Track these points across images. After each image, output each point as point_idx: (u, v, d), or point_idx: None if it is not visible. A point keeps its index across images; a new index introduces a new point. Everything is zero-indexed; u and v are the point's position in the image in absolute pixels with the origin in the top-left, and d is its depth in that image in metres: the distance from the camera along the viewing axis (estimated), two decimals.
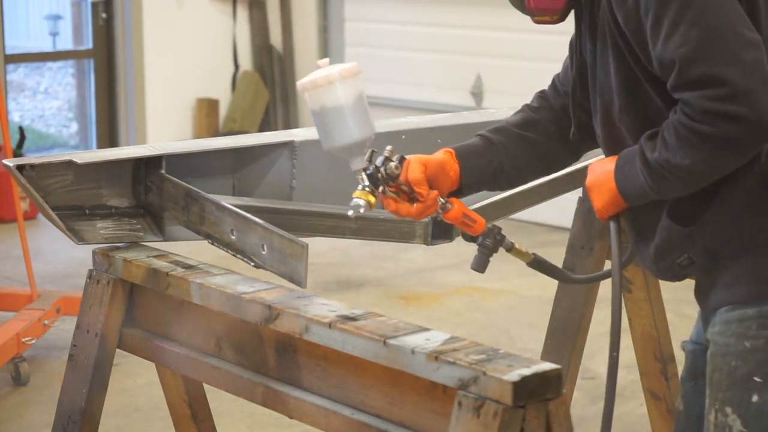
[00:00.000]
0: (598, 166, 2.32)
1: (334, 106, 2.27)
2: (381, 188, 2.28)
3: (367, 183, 2.27)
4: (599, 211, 2.35)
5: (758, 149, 2.12)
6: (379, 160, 2.29)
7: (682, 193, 2.20)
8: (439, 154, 2.39)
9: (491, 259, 2.46)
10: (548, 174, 2.64)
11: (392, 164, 2.27)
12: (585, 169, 3.00)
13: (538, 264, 2.55)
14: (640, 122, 2.23)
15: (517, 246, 2.49)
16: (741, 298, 2.21)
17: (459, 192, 2.42)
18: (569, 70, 2.52)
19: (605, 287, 2.68)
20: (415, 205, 2.32)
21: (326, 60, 2.31)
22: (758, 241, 2.20)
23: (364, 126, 2.30)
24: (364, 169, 2.27)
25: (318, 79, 2.28)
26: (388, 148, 2.30)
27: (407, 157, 2.34)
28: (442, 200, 2.35)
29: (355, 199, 2.26)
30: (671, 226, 2.24)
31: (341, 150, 2.30)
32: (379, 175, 2.27)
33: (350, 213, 2.27)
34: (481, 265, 2.45)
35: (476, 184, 2.44)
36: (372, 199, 2.26)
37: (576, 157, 2.56)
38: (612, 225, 2.38)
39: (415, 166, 2.31)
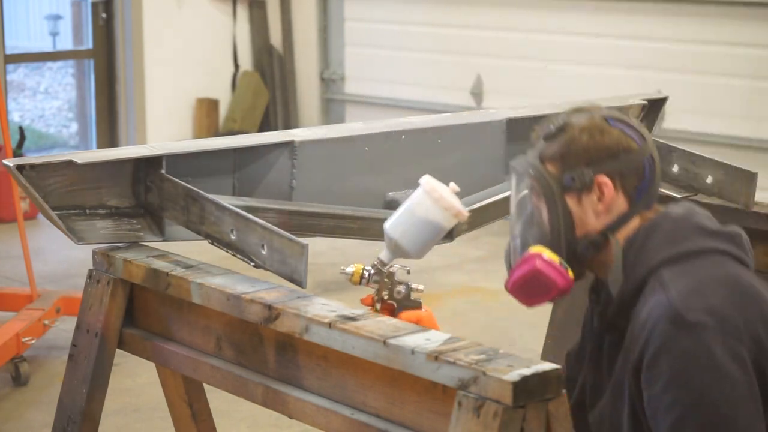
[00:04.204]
0: None
1: (432, 222, 2.41)
2: (380, 290, 2.49)
3: (372, 271, 2.47)
4: None
5: None
6: (399, 287, 2.48)
7: None
8: None
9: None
10: None
11: (402, 292, 2.48)
12: None
13: None
14: None
15: None
16: None
17: None
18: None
19: None
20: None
21: (457, 188, 2.44)
22: None
23: (418, 247, 2.44)
24: (381, 266, 2.47)
25: (447, 200, 2.40)
26: (420, 287, 2.48)
27: (423, 309, 2.48)
28: None
29: (351, 266, 2.47)
30: None
31: (395, 244, 2.44)
32: (385, 287, 2.48)
33: (340, 270, 2.47)
34: None
35: None
36: (356, 279, 2.48)
37: None
38: None
39: (409, 315, 2.44)
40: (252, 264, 2.38)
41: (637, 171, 2.30)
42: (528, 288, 2.31)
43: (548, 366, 1.88)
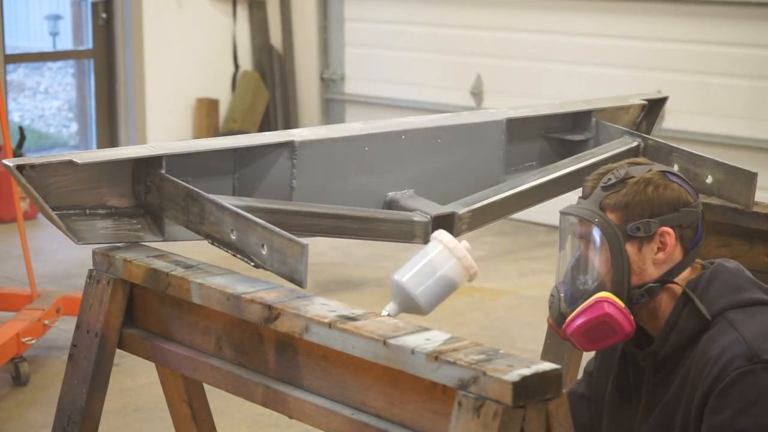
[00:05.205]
0: None
1: (452, 280, 2.43)
2: None
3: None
4: None
5: None
6: None
7: None
8: None
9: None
10: None
11: None
12: (585, 168, 3.01)
13: None
14: None
15: None
16: None
17: None
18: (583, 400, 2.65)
19: None
20: None
21: (469, 246, 2.47)
22: None
23: (433, 304, 2.45)
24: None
25: (469, 258, 2.43)
26: None
27: None
28: None
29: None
30: None
31: (410, 298, 2.43)
32: None
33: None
34: None
35: None
36: None
37: None
38: None
39: None
40: (252, 264, 2.38)
41: (693, 224, 2.46)
42: (593, 332, 2.41)
43: (548, 366, 1.88)
